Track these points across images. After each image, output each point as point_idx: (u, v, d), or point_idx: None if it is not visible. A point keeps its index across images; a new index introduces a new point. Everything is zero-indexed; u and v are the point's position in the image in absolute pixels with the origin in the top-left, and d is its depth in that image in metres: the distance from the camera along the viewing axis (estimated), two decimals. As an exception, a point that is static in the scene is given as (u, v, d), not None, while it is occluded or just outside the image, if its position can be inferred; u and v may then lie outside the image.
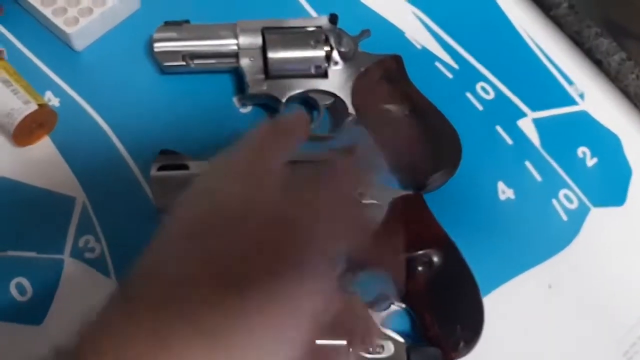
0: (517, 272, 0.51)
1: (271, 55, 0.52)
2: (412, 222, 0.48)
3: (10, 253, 0.46)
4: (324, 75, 0.53)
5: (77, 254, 0.47)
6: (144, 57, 0.55)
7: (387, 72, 0.53)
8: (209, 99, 0.54)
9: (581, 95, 0.60)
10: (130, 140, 0.51)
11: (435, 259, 0.46)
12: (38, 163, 0.50)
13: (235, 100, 0.55)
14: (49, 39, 0.54)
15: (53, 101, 0.52)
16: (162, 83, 0.54)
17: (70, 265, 0.46)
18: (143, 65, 0.55)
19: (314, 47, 0.52)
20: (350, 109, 0.52)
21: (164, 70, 0.54)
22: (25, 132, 0.48)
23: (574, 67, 0.61)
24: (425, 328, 0.45)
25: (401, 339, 0.44)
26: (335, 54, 0.53)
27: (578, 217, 0.54)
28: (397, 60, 0.54)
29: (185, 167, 0.47)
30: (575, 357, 0.50)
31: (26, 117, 0.47)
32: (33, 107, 0.47)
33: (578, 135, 0.58)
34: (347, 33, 0.54)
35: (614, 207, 0.55)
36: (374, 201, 0.48)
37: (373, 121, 0.53)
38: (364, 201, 0.47)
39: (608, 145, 0.58)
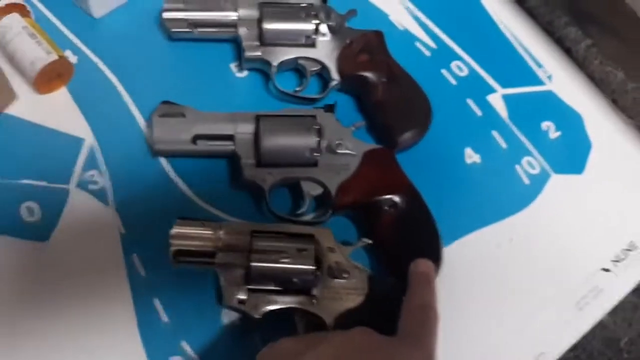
0: (479, 226, 0.56)
1: (266, 26, 0.59)
2: (381, 171, 0.53)
3: (24, 181, 0.52)
4: (313, 45, 0.59)
5: (82, 185, 0.53)
6: (155, 26, 0.62)
7: (369, 44, 0.60)
8: (210, 63, 0.61)
9: (549, 77, 0.65)
10: (137, 95, 0.58)
11: (399, 202, 0.51)
12: (55, 109, 0.56)
13: (232, 66, 0.61)
14: (71, 6, 0.61)
15: (71, 59, 0.59)
16: (169, 48, 0.61)
17: (75, 194, 0.52)
18: (154, 33, 0.62)
19: (305, 20, 0.59)
20: (335, 75, 0.59)
21: (171, 37, 0.60)
22: (45, 79, 0.55)
23: (545, 54, 0.67)
24: (387, 261, 0.50)
25: (365, 268, 0.49)
26: (323, 27, 0.59)
27: (539, 181, 0.59)
28: (378, 35, 0.60)
29: (182, 116, 0.53)
30: (530, 305, 0.54)
31: (47, 65, 0.54)
32: (54, 57, 0.54)
33: (543, 111, 0.63)
34: (335, 10, 0.60)
35: (574, 175, 0.60)
36: (349, 151, 0.53)
37: (354, 86, 0.59)
38: (339, 151, 0.53)
39: (571, 122, 0.63)
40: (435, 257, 0.51)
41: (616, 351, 0.60)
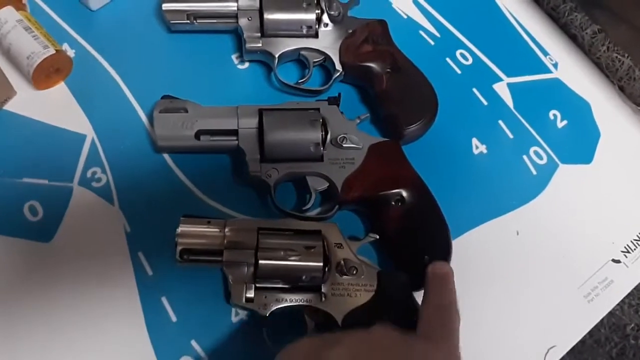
0: (487, 219, 0.56)
1: (267, 16, 0.57)
2: (388, 165, 0.52)
3: (25, 180, 0.51)
4: (315, 35, 0.58)
5: (85, 182, 0.52)
6: (154, 18, 0.60)
7: (373, 33, 0.58)
8: (210, 55, 0.60)
9: (555, 65, 0.64)
10: (138, 89, 0.57)
11: (407, 196, 0.51)
12: (54, 105, 0.55)
13: (234, 57, 0.60)
14: (68, -1, 0.60)
15: (69, 52, 0.57)
16: (169, 40, 0.60)
17: (78, 192, 0.51)
18: (153, 24, 0.60)
19: (306, 10, 0.58)
20: (338, 66, 0.57)
21: (171, 29, 0.59)
22: (43, 75, 0.54)
23: (550, 41, 0.65)
24: (396, 256, 0.50)
25: (373, 264, 0.48)
26: (325, 17, 0.58)
27: (547, 172, 0.58)
28: (382, 24, 0.59)
29: (184, 111, 0.52)
30: (539, 297, 0.54)
31: (45, 60, 0.53)
32: (51, 51, 0.53)
33: (550, 100, 0.62)
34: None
35: (582, 165, 0.59)
36: (355, 145, 0.52)
37: (357, 77, 0.58)
38: (344, 145, 0.52)
39: (578, 110, 0.62)
40: (445, 252, 0.50)
41: (622, 337, 0.60)
